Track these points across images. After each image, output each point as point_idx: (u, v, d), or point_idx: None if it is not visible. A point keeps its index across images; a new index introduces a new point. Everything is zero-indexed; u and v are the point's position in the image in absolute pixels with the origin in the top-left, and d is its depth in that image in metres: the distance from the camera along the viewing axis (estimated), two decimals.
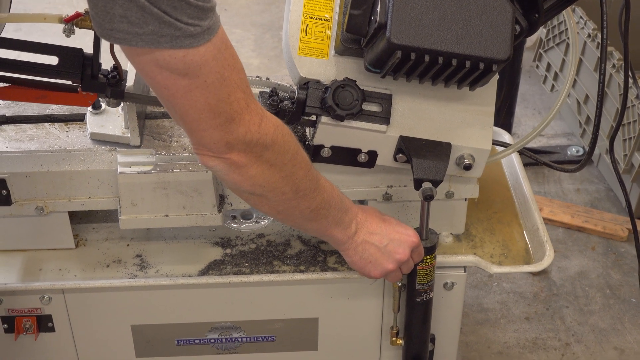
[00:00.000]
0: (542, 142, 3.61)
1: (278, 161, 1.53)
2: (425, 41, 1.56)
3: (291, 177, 1.57)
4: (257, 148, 1.49)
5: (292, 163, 1.56)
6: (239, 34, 4.41)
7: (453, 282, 1.97)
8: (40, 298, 1.93)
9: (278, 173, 1.54)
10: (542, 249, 1.95)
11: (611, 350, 2.74)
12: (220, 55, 1.39)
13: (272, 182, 1.55)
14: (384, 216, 1.77)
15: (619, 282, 2.98)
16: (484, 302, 2.89)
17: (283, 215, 1.64)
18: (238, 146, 1.47)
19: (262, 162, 1.51)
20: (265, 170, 1.52)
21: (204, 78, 1.38)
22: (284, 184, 1.56)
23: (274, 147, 1.51)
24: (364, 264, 1.75)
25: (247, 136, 1.47)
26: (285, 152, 1.54)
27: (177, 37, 1.33)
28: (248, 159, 1.49)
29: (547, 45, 3.62)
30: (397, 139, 1.75)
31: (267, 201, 1.59)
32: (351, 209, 1.71)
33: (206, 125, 1.44)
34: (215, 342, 2.03)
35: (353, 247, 1.73)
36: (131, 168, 1.83)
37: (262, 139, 1.48)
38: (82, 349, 2.03)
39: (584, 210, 3.24)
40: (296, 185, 1.58)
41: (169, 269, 1.95)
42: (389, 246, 1.73)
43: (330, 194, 1.66)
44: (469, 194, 1.93)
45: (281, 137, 1.52)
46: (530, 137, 1.86)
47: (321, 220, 1.67)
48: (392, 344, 1.99)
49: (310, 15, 1.73)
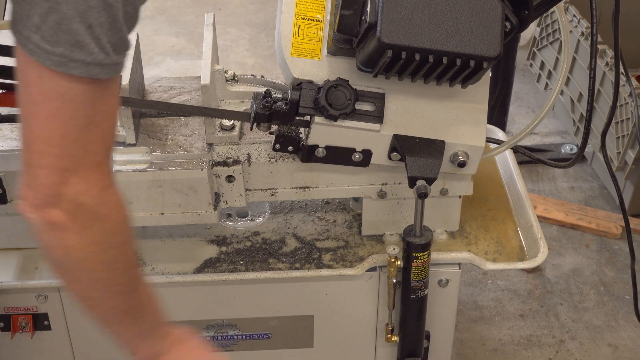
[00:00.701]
0: (536, 140, 3.62)
1: (104, 241, 1.31)
2: (416, 40, 1.57)
3: (110, 266, 1.34)
4: (88, 215, 1.27)
5: (119, 251, 1.35)
6: (234, 33, 4.42)
7: (447, 279, 1.98)
8: (36, 296, 1.93)
9: (98, 255, 1.32)
10: (536, 246, 1.95)
11: (605, 347, 2.75)
12: (105, 98, 1.26)
13: (88, 263, 1.32)
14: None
15: (613, 279, 2.99)
16: (478, 299, 2.90)
17: (89, 304, 1.41)
18: (67, 204, 1.26)
19: (86, 235, 1.29)
20: (85, 246, 1.29)
21: (76, 107, 1.22)
22: (99, 270, 1.34)
23: (106, 222, 1.30)
24: None
25: (83, 197, 1.26)
26: (116, 235, 1.33)
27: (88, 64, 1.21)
28: (72, 224, 1.27)
29: (540, 44, 3.63)
30: (391, 138, 1.76)
31: (76, 283, 1.37)
32: (167, 334, 1.49)
33: (46, 162, 1.24)
34: (211, 340, 2.04)
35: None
36: (127, 166, 1.84)
37: (97, 207, 1.28)
38: (78, 347, 2.04)
39: (577, 208, 3.25)
40: (113, 278, 1.36)
41: (164, 267, 1.95)
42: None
43: (148, 297, 1.44)
44: (463, 191, 1.94)
45: (118, 217, 1.32)
46: (524, 134, 1.87)
47: (130, 326, 1.45)
48: (387, 340, 2.00)
49: (302, 16, 1.74)
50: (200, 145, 1.88)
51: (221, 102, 1.92)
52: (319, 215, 2.07)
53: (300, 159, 1.81)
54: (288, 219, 2.07)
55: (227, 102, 1.92)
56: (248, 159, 1.87)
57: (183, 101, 1.96)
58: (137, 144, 1.87)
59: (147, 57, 4.02)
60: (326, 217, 2.07)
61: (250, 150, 1.87)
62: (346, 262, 1.96)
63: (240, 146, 1.87)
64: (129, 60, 1.85)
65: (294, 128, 1.80)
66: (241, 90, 1.93)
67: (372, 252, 1.97)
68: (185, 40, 4.33)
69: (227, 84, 1.93)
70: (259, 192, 1.92)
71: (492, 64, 1.61)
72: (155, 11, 4.54)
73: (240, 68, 4.07)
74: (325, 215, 2.07)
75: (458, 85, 1.69)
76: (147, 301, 1.45)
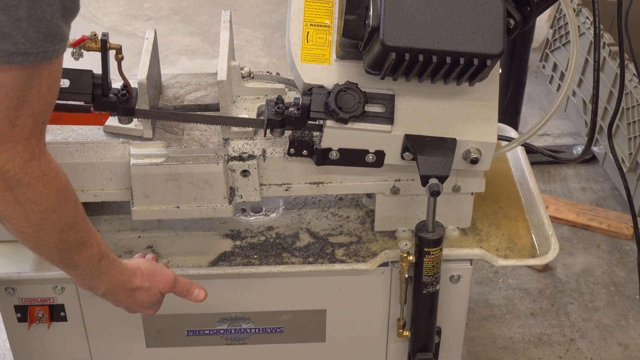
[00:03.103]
0: (548, 142, 3.63)
1: (27, 205, 1.46)
2: (419, 41, 1.59)
3: (36, 226, 1.50)
4: (11, 181, 1.42)
5: (43, 216, 1.49)
6: (249, 33, 4.44)
7: (459, 275, 2.00)
8: (53, 288, 1.96)
9: (23, 214, 1.48)
10: (547, 243, 1.97)
11: (615, 346, 2.77)
12: (37, 79, 1.37)
13: (13, 217, 1.48)
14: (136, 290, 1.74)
15: (624, 279, 3.00)
16: (489, 297, 2.92)
17: (29, 247, 1.59)
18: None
19: (10, 195, 1.44)
20: (10, 203, 1.45)
21: (6, 90, 1.35)
22: (26, 226, 1.50)
23: (27, 189, 1.44)
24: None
25: (7, 165, 1.40)
26: (39, 202, 1.47)
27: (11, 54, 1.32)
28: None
29: (553, 46, 3.64)
30: (403, 138, 1.79)
31: (14, 233, 1.54)
32: (106, 279, 1.67)
33: None
34: (225, 333, 2.06)
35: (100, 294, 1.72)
36: (143, 160, 1.86)
37: (18, 176, 1.42)
38: (93, 339, 2.07)
39: (589, 208, 3.26)
40: (39, 235, 1.52)
41: (179, 260, 1.98)
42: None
43: (85, 260, 1.61)
44: (475, 188, 1.96)
45: (41, 186, 1.46)
46: (536, 129, 1.88)
47: (68, 271, 1.65)
48: (399, 335, 2.02)
49: (311, 22, 1.77)
50: (216, 140, 1.90)
51: (237, 98, 1.95)
52: (333, 211, 2.09)
53: (315, 162, 1.84)
54: (302, 215, 2.09)
55: (243, 97, 1.95)
56: (263, 154, 1.89)
57: (199, 97, 1.98)
58: (154, 138, 1.90)
59: (162, 57, 4.04)
60: (339, 212, 2.09)
61: (265, 145, 1.90)
62: (359, 257, 1.98)
63: (255, 141, 1.90)
64: (146, 56, 1.88)
65: (307, 132, 1.83)
66: (257, 86, 1.95)
67: (385, 247, 2.00)
68: (200, 39, 4.36)
69: (243, 80, 1.95)
70: (273, 187, 1.94)
71: (495, 62, 1.63)
72: (170, 11, 4.57)
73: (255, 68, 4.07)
74: (339, 211, 2.09)
75: (466, 83, 1.71)
76: (82, 259, 1.60)
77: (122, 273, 1.69)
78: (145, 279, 1.73)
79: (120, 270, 1.69)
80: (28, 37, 1.32)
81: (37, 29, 1.32)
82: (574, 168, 3.50)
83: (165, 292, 1.77)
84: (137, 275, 1.72)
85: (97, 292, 1.70)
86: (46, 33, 1.34)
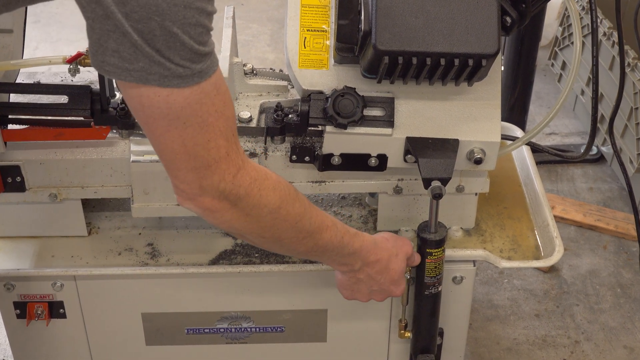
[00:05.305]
0: (556, 141, 3.61)
1: (254, 212, 1.51)
2: (411, 44, 1.58)
3: (271, 228, 1.55)
4: (231, 197, 1.47)
5: (273, 216, 1.53)
6: (256, 28, 4.43)
7: (462, 276, 1.98)
8: (52, 284, 1.95)
9: (255, 222, 1.53)
10: (552, 245, 1.95)
11: (621, 349, 2.74)
12: (208, 100, 1.37)
13: (249, 228, 1.54)
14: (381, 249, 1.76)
15: (630, 281, 2.98)
16: (494, 298, 2.90)
17: (272, 249, 1.67)
18: (211, 192, 1.45)
19: (237, 210, 1.49)
20: (240, 218, 1.51)
21: (184, 120, 1.36)
22: (263, 231, 1.55)
23: (247, 199, 1.48)
24: (353, 293, 1.81)
25: (221, 185, 1.44)
26: (262, 206, 1.51)
27: (165, 77, 1.31)
28: (221, 206, 1.47)
29: (562, 44, 3.62)
30: (404, 141, 1.77)
31: (251, 241, 1.61)
32: (356, 252, 1.70)
33: (180, 166, 1.42)
34: (225, 332, 2.04)
35: (351, 277, 1.77)
36: (144, 157, 1.85)
37: (235, 190, 1.46)
38: (92, 336, 2.05)
39: (596, 209, 3.24)
40: (278, 234, 1.57)
41: (179, 258, 1.96)
42: (383, 282, 1.78)
43: (330, 241, 1.64)
44: (479, 189, 1.94)
45: (257, 190, 1.49)
46: (539, 129, 1.86)
47: (316, 257, 1.71)
48: (401, 336, 2.00)
49: (307, 28, 1.76)
50: None
51: (239, 95, 1.93)
52: (335, 210, 2.07)
53: (317, 168, 1.82)
54: None
55: (246, 94, 1.93)
56: (265, 152, 1.87)
57: None
58: None
59: None
60: (342, 212, 2.07)
61: (267, 143, 1.88)
62: None
63: (257, 139, 1.88)
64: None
65: (308, 138, 1.82)
66: (259, 83, 1.94)
67: None
68: None
69: (246, 77, 1.93)
70: None
71: (491, 61, 1.61)
72: None
73: (261, 63, 4.08)
74: (341, 210, 2.08)
75: (465, 83, 1.70)
76: (329, 240, 1.64)
77: (367, 241, 1.71)
78: (390, 243, 1.76)
79: (364, 238, 1.71)
80: (177, 63, 1.31)
81: (182, 57, 1.31)
82: (582, 168, 3.47)
83: (409, 254, 1.79)
84: (382, 241, 1.74)
85: (355, 268, 1.72)
86: (192, 57, 1.32)
